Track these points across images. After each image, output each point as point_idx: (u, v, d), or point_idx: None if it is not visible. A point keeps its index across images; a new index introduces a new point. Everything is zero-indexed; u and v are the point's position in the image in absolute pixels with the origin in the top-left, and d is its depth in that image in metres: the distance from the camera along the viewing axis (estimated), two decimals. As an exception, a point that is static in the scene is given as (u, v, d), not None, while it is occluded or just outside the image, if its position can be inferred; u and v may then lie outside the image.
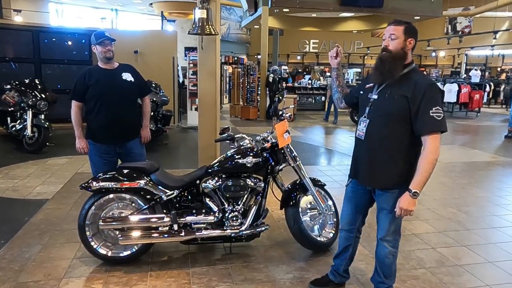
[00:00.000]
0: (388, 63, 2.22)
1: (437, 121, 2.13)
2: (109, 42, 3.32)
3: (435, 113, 2.12)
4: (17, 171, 5.79)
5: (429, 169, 2.15)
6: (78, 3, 19.93)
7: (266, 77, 12.68)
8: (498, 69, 23.80)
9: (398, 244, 2.49)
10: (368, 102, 2.36)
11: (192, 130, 9.79)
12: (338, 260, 2.78)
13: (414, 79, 2.20)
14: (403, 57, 2.22)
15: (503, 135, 10.00)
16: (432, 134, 2.15)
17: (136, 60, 9.30)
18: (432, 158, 2.14)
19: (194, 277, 2.95)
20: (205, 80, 4.75)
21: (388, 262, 2.50)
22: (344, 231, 2.69)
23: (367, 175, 2.41)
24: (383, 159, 2.30)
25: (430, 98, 2.14)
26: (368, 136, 2.35)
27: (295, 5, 12.92)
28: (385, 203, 2.36)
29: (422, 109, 2.13)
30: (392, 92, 2.24)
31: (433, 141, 2.14)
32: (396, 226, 2.42)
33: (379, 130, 2.29)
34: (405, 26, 2.22)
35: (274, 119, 3.29)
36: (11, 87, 7.44)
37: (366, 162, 2.38)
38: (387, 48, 2.24)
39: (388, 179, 2.30)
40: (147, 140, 3.69)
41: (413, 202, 2.19)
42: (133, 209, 3.05)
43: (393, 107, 2.22)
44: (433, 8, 13.74)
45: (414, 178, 2.18)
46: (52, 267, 3.03)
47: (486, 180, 5.95)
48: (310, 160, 7.03)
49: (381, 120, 2.28)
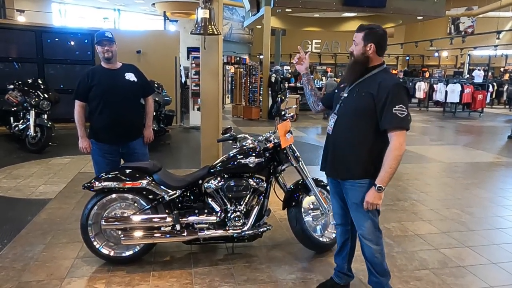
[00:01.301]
0: (349, 67, 2.46)
1: (400, 118, 2.22)
2: (108, 42, 3.31)
3: (398, 110, 2.22)
4: (20, 170, 5.81)
5: (393, 164, 2.24)
6: (80, 3, 19.98)
7: (268, 77, 12.67)
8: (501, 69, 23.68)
9: (380, 241, 2.51)
10: (339, 100, 2.49)
11: (194, 130, 9.79)
12: (339, 258, 2.78)
13: (380, 79, 2.31)
14: (364, 61, 2.37)
15: (506, 135, 9.97)
16: (396, 130, 2.24)
17: (139, 60, 9.30)
18: (396, 154, 2.23)
19: (196, 277, 2.95)
20: (207, 80, 4.74)
21: (377, 261, 2.51)
22: (339, 226, 2.73)
23: (331, 167, 2.53)
24: (345, 151, 2.42)
25: (394, 96, 2.23)
26: (334, 131, 2.48)
27: (298, 5, 12.92)
28: (354, 197, 2.43)
29: (387, 107, 2.24)
30: (360, 90, 2.36)
31: (397, 138, 2.23)
32: (372, 222, 2.44)
33: (345, 124, 2.42)
34: (365, 32, 2.35)
35: (277, 119, 3.29)
36: (14, 87, 7.47)
37: (331, 154, 2.51)
38: (352, 52, 2.44)
39: (349, 170, 2.40)
40: (150, 140, 3.68)
41: (378, 196, 2.29)
42: (135, 209, 3.05)
43: (359, 103, 2.35)
44: (436, 8, 13.70)
45: (380, 173, 2.27)
46: (55, 267, 3.03)
47: (489, 181, 5.93)
48: (313, 161, 7.00)
49: (348, 116, 2.41)
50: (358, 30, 2.39)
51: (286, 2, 12.85)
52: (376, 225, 2.47)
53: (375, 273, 2.55)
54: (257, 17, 14.61)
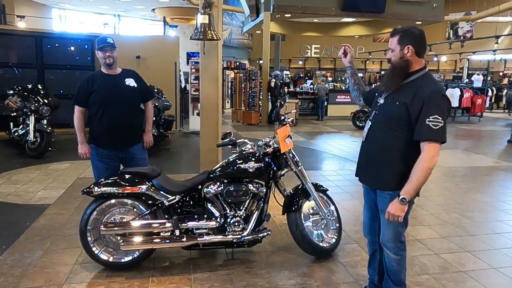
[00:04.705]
0: (387, 74, 2.33)
1: (433, 130, 2.09)
2: (109, 48, 3.32)
3: (432, 121, 2.09)
4: (19, 176, 5.80)
5: (421, 177, 2.13)
6: (81, 9, 20.07)
7: (268, 82, 12.70)
8: (500, 74, 23.79)
9: (401, 252, 2.43)
10: (376, 106, 2.41)
11: (194, 135, 9.79)
12: (371, 269, 2.72)
13: (418, 87, 2.18)
14: (404, 66, 2.23)
15: (505, 139, 9.98)
16: (428, 142, 2.12)
17: (138, 65, 9.32)
18: (425, 166, 2.12)
19: (195, 283, 2.93)
20: (207, 85, 4.75)
21: (394, 269, 2.46)
22: (367, 236, 2.67)
23: (365, 175, 2.49)
24: (378, 160, 2.34)
25: (428, 107, 2.11)
26: (368, 139, 2.42)
27: (297, 10, 12.97)
28: (383, 204, 2.35)
29: (420, 118, 2.13)
30: (395, 98, 2.26)
31: (428, 150, 2.12)
32: (394, 232, 2.36)
33: (378, 133, 2.35)
34: (400, 35, 2.22)
35: (276, 124, 3.29)
36: (14, 92, 7.48)
37: (365, 162, 2.47)
38: (390, 60, 2.30)
39: (382, 180, 2.33)
40: (149, 145, 3.69)
41: (400, 208, 2.17)
42: (134, 214, 3.04)
43: (393, 113, 2.26)
44: (434, 13, 13.76)
45: (406, 184, 2.18)
46: (54, 273, 3.01)
47: (489, 185, 5.92)
48: (312, 165, 7.01)
49: (381, 124, 2.34)
50: (392, 35, 2.26)
51: (285, 8, 12.89)
52: (398, 236, 2.38)
53: (389, 281, 2.51)
54: (257, 22, 14.66)
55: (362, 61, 26.24)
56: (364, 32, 18.66)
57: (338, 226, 3.42)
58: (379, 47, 24.93)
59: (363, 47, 26.28)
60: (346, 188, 5.50)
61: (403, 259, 2.46)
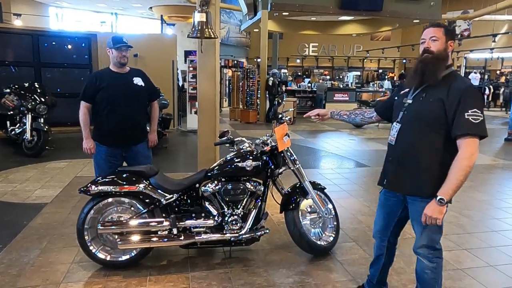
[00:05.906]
0: (432, 65, 2.14)
1: (473, 123, 2.00)
2: (125, 48, 3.38)
3: (471, 115, 2.00)
4: (16, 175, 5.78)
5: (460, 176, 2.02)
6: (78, 7, 19.98)
7: (265, 80, 12.69)
8: (497, 72, 23.82)
9: (437, 260, 2.27)
10: (403, 107, 2.30)
11: (191, 133, 9.78)
12: (372, 269, 2.69)
13: (450, 82, 2.12)
14: (446, 58, 2.17)
15: (503, 138, 10.00)
16: (467, 138, 2.01)
17: (136, 64, 9.25)
18: (464, 165, 2.01)
19: (193, 281, 2.93)
20: (204, 83, 4.74)
21: (426, 278, 2.30)
22: (377, 239, 2.59)
23: (394, 181, 2.33)
24: (412, 164, 2.20)
25: (466, 100, 2.03)
26: (398, 141, 2.29)
27: (295, 8, 12.96)
28: (416, 212, 2.22)
29: (459, 112, 2.03)
30: (427, 96, 2.17)
31: (467, 146, 2.01)
32: (429, 239, 2.24)
33: (410, 134, 2.22)
34: (445, 28, 2.18)
35: (274, 122, 3.28)
36: (11, 90, 7.44)
37: (395, 167, 2.32)
38: (429, 49, 2.16)
39: (416, 185, 2.19)
40: (154, 144, 3.75)
41: (438, 210, 2.06)
42: (132, 213, 3.03)
43: (426, 111, 2.15)
44: (432, 11, 13.77)
45: (443, 184, 2.05)
46: (51, 272, 3.00)
47: (486, 183, 5.94)
48: (310, 163, 7.02)
49: (413, 124, 2.21)
50: (436, 26, 2.17)
51: (283, 6, 12.88)
52: (433, 243, 2.25)
53: None
54: (254, 20, 14.65)
55: (360, 59, 26.28)
56: (362, 31, 18.68)
57: (336, 224, 3.43)
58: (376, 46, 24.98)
59: (361, 45, 26.33)
60: (343, 187, 5.50)
61: (439, 267, 2.29)
